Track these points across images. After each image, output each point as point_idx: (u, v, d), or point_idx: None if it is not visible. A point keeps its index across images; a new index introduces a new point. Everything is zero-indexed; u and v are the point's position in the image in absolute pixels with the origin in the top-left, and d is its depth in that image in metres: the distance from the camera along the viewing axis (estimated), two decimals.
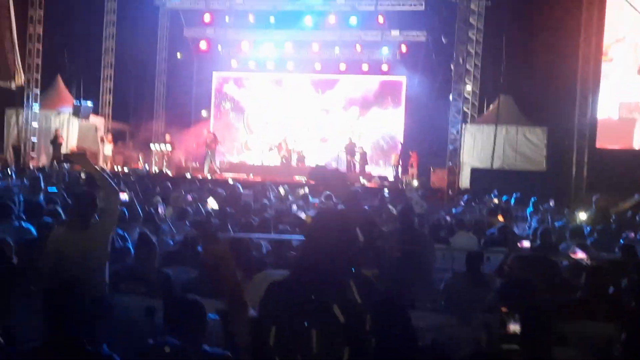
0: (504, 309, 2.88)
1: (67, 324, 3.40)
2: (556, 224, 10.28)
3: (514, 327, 2.88)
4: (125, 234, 6.88)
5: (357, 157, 22.94)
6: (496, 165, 19.97)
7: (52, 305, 3.48)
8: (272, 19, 24.76)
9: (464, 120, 21.08)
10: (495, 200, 14.32)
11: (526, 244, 7.26)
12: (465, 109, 21.19)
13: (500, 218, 9.80)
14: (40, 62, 21.45)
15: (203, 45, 26.13)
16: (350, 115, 25.84)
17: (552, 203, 13.78)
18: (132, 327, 4.44)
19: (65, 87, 23.31)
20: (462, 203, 15.36)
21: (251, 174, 21.46)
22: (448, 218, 10.94)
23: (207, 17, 25.10)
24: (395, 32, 24.17)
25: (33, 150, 21.58)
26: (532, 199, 13.42)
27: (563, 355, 3.52)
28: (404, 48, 24.55)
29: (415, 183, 20.28)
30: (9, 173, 15.46)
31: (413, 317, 3.16)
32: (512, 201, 14.31)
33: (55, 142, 20.85)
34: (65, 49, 22.29)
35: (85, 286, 3.86)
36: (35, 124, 21.64)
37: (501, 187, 16.39)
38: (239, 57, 26.41)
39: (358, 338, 2.53)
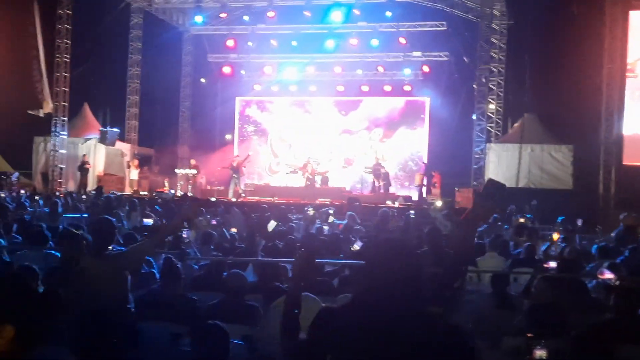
0: (529, 335, 2.85)
1: (94, 353, 3.42)
2: (584, 242, 10.13)
3: (540, 353, 2.84)
4: (151, 259, 6.92)
5: (382, 178, 22.87)
6: (522, 184, 19.81)
7: (78, 334, 3.50)
8: (294, 43, 24.97)
9: (488, 139, 20.99)
10: (521, 220, 14.13)
11: (553, 264, 7.15)
12: (489, 128, 21.12)
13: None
14: (67, 90, 21.82)
15: (226, 69, 26.37)
16: (373, 136, 25.85)
17: (579, 222, 13.57)
18: (158, 354, 4.45)
19: (92, 115, 23.68)
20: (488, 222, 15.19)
21: (275, 197, 21.51)
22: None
23: (230, 42, 25.35)
24: (417, 53, 24.20)
25: (61, 176, 21.88)
26: (559, 219, 13.25)
27: None
28: (426, 68, 24.55)
29: (439, 203, 20.14)
30: (37, 199, 15.67)
31: None
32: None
33: (83, 169, 21.13)
34: (92, 77, 22.67)
35: (110, 314, 3.88)
36: (63, 151, 21.96)
37: (526, 205, 16.24)
38: (262, 81, 26.65)
39: None
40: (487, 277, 6.86)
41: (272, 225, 8.69)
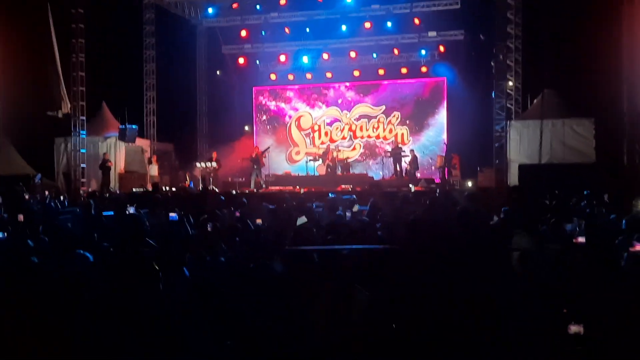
0: (565, 310, 2.80)
1: None
2: (612, 217, 9.98)
3: (576, 329, 2.79)
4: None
5: (406, 161, 22.73)
6: (544, 160, 19.59)
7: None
8: (307, 30, 24.86)
9: (509, 117, 20.77)
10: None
11: (581, 239, 7.04)
12: (509, 106, 20.89)
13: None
14: (84, 90, 21.92)
15: (241, 61, 26.37)
16: (392, 120, 25.71)
17: (606, 197, 13.39)
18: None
19: (110, 113, 23.79)
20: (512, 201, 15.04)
21: (297, 186, 21.50)
22: (499, 216, 10.71)
23: (243, 33, 25.34)
24: (432, 33, 23.99)
25: (83, 176, 22.04)
26: (585, 192, 13.08)
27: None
28: (442, 48, 24.34)
29: (469, 184, 20.01)
30: (62, 200, 15.80)
31: None
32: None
33: (104, 167, 21.26)
34: (108, 75, 22.75)
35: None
36: (83, 151, 22.11)
37: (551, 182, 16.06)
38: (277, 70, 26.59)
39: None
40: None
41: (301, 220, 8.61)
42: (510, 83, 20.96)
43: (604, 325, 2.97)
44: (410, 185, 19.82)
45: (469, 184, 20.01)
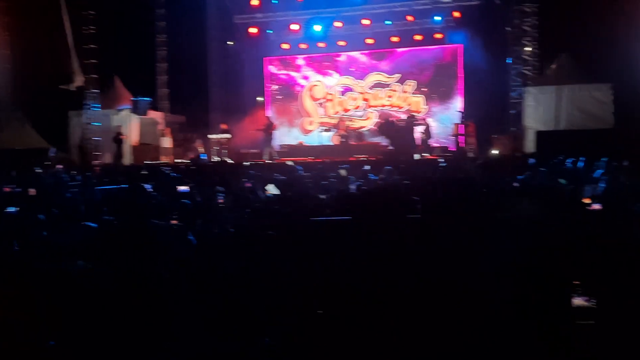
0: (575, 282, 2.67)
1: None
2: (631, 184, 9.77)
3: (580, 302, 2.67)
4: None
5: (420, 130, 22.49)
6: (562, 126, 19.31)
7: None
8: None
9: (525, 83, 20.44)
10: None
11: (597, 206, 6.86)
12: (525, 71, 20.56)
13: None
14: (96, 62, 21.84)
15: (253, 30, 26.13)
16: (407, 88, 25.42)
17: (625, 163, 13.13)
18: None
19: (122, 86, 23.72)
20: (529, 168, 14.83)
21: (310, 156, 21.39)
22: (515, 184, 10.56)
23: (255, 2, 25.07)
24: None
25: (97, 149, 22.07)
26: (604, 159, 12.84)
27: None
28: (457, 14, 23.93)
29: (495, 152, 19.72)
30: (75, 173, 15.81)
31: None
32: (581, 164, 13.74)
33: (118, 140, 21.27)
34: (120, 47, 22.63)
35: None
36: (97, 124, 22.11)
37: (569, 148, 15.79)
38: (289, 39, 26.31)
39: None
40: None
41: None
42: (527, 48, 20.59)
43: (616, 298, 2.83)
44: (416, 155, 19.57)
45: (494, 151, 19.71)
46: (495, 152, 19.84)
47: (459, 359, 2.52)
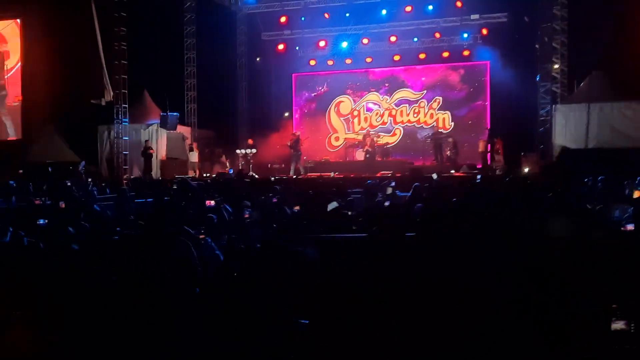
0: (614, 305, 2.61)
1: None
2: None
3: (620, 325, 2.60)
4: (211, 243, 6.89)
5: (447, 147, 22.38)
6: (591, 144, 19.03)
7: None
8: (347, 15, 24.64)
9: (554, 101, 20.25)
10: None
11: (630, 227, 6.73)
12: (554, 89, 20.38)
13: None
14: (126, 78, 22.12)
15: (281, 47, 26.32)
16: (433, 104, 25.35)
17: None
18: None
19: (151, 100, 24.00)
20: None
21: (336, 172, 21.38)
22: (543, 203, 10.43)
23: (283, 19, 25.29)
24: (474, 16, 23.54)
25: (125, 163, 22.30)
26: (639, 178, 12.59)
27: None
28: (485, 31, 23.86)
29: (526, 170, 19.50)
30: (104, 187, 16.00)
31: None
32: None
33: (146, 154, 21.47)
34: (150, 62, 22.93)
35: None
36: (126, 138, 22.35)
37: (598, 167, 15.55)
38: (316, 55, 26.44)
39: None
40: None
41: (332, 205, 8.49)
42: (556, 66, 20.42)
43: None
44: (434, 175, 19.37)
45: (526, 169, 19.46)
46: (526, 169, 19.61)
47: None
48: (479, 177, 14.38)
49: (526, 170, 19.51)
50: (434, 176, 18.10)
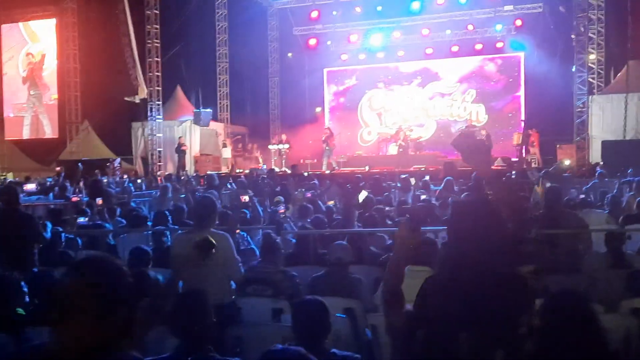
0: None
1: (193, 331, 3.39)
2: None
3: None
4: (247, 237, 6.92)
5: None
6: (629, 136, 18.66)
7: (176, 312, 3.49)
8: (379, 8, 24.49)
9: (590, 92, 19.90)
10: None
11: None
12: (590, 80, 20.01)
13: None
14: (160, 75, 22.34)
15: (312, 42, 26.30)
16: (467, 97, 25.11)
17: None
18: (259, 331, 4.40)
19: (185, 97, 24.20)
20: (595, 179, 14.40)
21: (367, 167, 21.29)
22: (582, 196, 10.28)
23: (314, 14, 25.25)
24: (508, 7, 23.24)
25: (159, 159, 22.53)
26: None
27: None
28: (519, 22, 23.54)
29: (567, 162, 19.13)
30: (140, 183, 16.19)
31: None
32: None
33: (180, 151, 21.66)
34: (182, 59, 23.13)
35: (208, 292, 3.84)
36: (159, 135, 22.58)
37: (636, 158, 15.24)
38: (348, 50, 26.36)
39: (513, 341, 2.29)
40: (597, 236, 6.43)
41: (362, 195, 8.48)
42: (592, 56, 20.05)
43: None
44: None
45: (567, 162, 19.09)
46: (567, 162, 19.21)
47: None
48: (513, 173, 14.16)
49: (567, 162, 19.10)
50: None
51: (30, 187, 14.06)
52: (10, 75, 26.77)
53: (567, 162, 19.00)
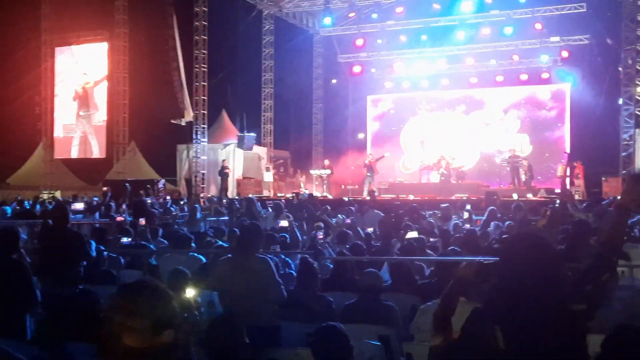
0: None
1: (226, 354, 3.44)
2: None
3: None
4: (289, 260, 6.99)
5: (522, 170, 21.89)
6: None
7: (211, 334, 3.55)
8: (424, 37, 24.60)
9: (637, 125, 19.58)
10: None
11: None
12: (637, 112, 19.70)
13: None
14: (206, 99, 22.76)
15: (357, 69, 26.47)
16: (510, 127, 24.90)
17: None
18: (293, 355, 4.45)
19: (229, 121, 24.58)
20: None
21: (410, 194, 21.20)
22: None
23: (359, 42, 25.46)
24: (555, 38, 23.05)
25: (203, 182, 22.86)
26: None
27: None
28: (565, 54, 23.34)
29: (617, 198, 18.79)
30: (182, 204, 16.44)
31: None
32: None
33: (223, 173, 21.93)
34: (228, 84, 23.55)
35: (250, 315, 3.91)
36: (204, 157, 22.93)
37: None
38: (392, 78, 26.49)
39: None
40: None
41: (412, 234, 8.43)
42: (639, 89, 19.75)
43: None
44: (514, 194, 18.83)
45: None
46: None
47: None
48: (557, 201, 13.99)
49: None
50: (514, 196, 17.77)
51: (79, 206, 14.41)
52: (61, 97, 27.56)
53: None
